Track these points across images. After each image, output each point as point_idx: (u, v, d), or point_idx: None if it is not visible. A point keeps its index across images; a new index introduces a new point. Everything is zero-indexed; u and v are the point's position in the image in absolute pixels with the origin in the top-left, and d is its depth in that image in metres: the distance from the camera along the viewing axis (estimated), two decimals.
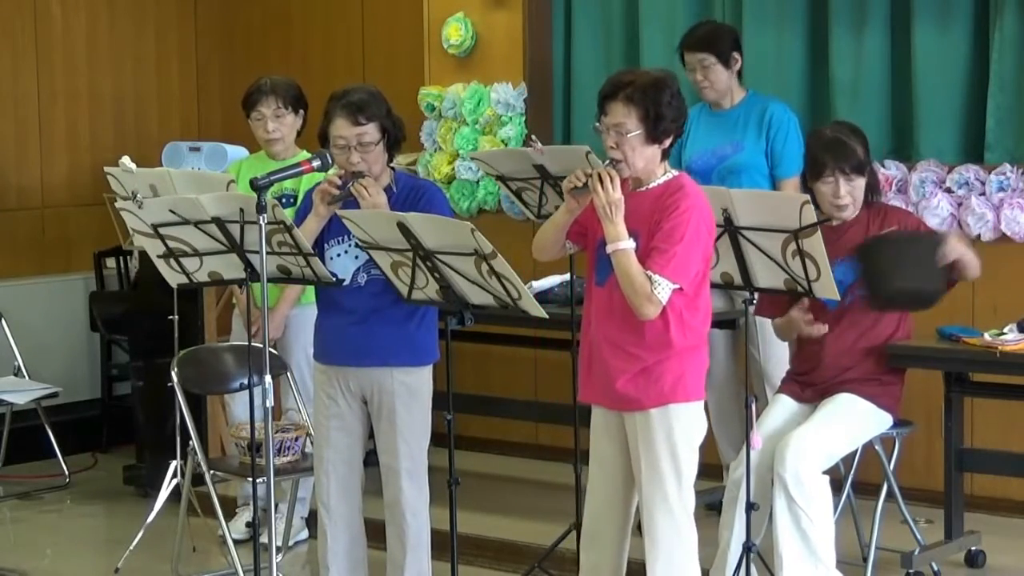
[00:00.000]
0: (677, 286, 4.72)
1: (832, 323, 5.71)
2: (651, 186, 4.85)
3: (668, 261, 4.70)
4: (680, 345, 4.80)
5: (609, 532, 5.01)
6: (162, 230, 5.16)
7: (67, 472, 7.98)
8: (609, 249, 4.74)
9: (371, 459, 5.50)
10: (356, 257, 5.29)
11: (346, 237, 5.27)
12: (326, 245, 5.32)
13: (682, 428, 4.83)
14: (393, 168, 5.41)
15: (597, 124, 4.86)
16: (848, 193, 5.69)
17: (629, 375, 4.82)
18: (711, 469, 5.64)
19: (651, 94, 4.75)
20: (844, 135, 5.74)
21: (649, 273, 4.70)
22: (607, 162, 4.80)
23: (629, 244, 4.72)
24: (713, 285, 5.37)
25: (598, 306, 4.88)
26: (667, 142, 4.82)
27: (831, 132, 5.80)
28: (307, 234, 5.18)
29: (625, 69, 4.94)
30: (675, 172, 4.90)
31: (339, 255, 5.32)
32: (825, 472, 5.50)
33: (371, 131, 5.25)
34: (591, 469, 5.04)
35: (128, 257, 8.46)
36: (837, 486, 5.75)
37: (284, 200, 6.29)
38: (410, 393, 5.33)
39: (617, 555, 5.02)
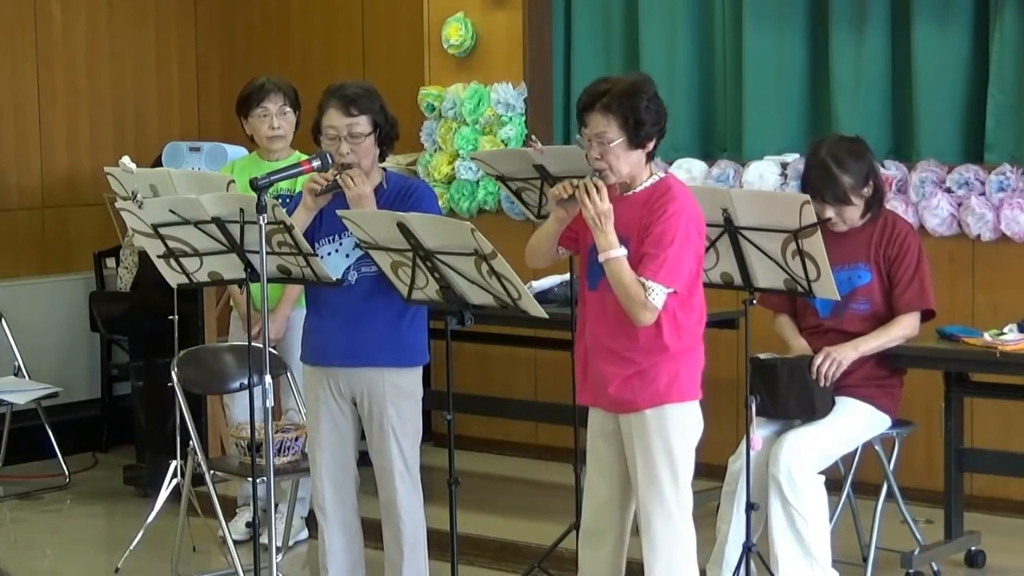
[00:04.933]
0: (671, 290, 4.71)
1: (828, 330, 5.70)
2: (638, 190, 4.84)
3: (660, 266, 4.69)
4: (674, 347, 4.79)
5: (607, 533, 5.00)
6: (162, 230, 5.16)
7: (67, 472, 7.97)
8: (601, 258, 4.74)
9: (368, 459, 5.49)
10: (347, 256, 5.28)
11: (337, 236, 5.26)
12: (317, 244, 5.30)
13: (678, 428, 4.82)
14: (385, 169, 5.41)
15: (578, 137, 4.87)
16: (835, 215, 5.66)
17: (623, 378, 4.82)
18: (714, 469, 5.63)
19: (628, 101, 4.76)
20: (835, 160, 5.63)
21: (642, 279, 4.69)
22: (593, 172, 4.80)
23: (620, 252, 4.72)
24: (713, 285, 5.38)
25: (591, 310, 4.88)
26: (650, 145, 4.82)
27: (825, 152, 5.67)
28: (297, 226, 5.17)
29: (599, 78, 4.93)
30: (662, 174, 4.89)
31: (330, 254, 5.30)
32: (821, 472, 5.51)
33: (362, 123, 5.24)
34: (588, 470, 5.04)
35: (118, 261, 8.44)
36: (837, 486, 5.76)
37: (280, 201, 6.27)
38: (401, 394, 5.30)
39: (615, 555, 5.02)
